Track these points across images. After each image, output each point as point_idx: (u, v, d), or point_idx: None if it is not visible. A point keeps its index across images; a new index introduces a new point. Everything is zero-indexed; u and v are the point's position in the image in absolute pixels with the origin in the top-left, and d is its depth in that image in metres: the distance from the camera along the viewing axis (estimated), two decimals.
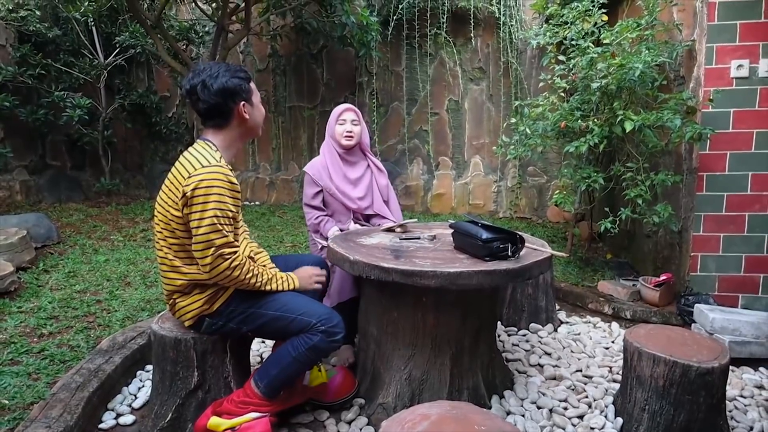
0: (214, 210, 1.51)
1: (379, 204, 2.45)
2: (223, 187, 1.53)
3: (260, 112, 1.74)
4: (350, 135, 2.33)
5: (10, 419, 1.68)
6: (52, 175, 5.20)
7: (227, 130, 1.66)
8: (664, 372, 1.65)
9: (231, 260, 1.55)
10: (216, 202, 1.52)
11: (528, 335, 2.59)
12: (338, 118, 2.34)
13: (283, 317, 1.63)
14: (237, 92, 1.62)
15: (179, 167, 1.58)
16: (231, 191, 1.56)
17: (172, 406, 1.65)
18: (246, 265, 1.60)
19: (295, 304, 1.65)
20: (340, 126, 2.33)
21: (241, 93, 1.63)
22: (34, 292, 2.76)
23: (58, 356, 2.09)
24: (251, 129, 1.72)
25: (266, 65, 5.41)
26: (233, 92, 1.61)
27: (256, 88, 1.73)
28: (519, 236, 1.78)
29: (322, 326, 1.61)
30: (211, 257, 1.53)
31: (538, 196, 5.18)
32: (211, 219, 1.51)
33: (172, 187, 1.57)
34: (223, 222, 1.54)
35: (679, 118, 2.67)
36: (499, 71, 5.02)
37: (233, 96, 1.61)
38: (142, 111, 5.42)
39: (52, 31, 4.75)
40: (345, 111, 2.34)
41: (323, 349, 1.63)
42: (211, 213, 1.51)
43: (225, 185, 1.54)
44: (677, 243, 3.04)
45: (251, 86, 1.69)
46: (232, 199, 1.57)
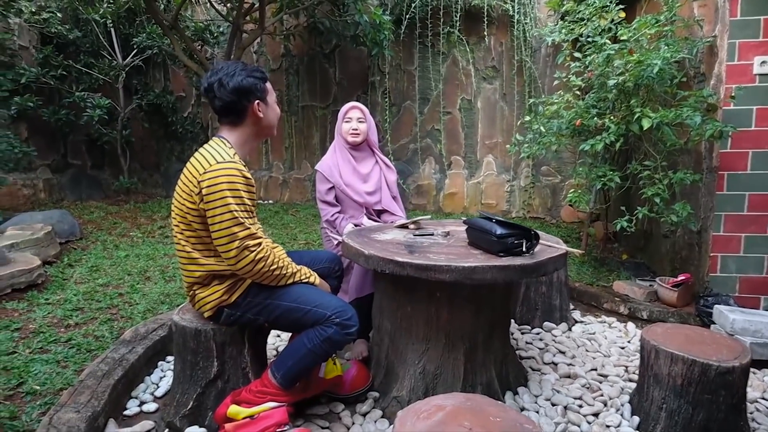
0: (232, 204, 1.55)
1: (388, 200, 2.48)
2: (238, 182, 1.57)
3: (275, 111, 1.77)
4: (356, 132, 2.37)
5: (42, 404, 1.75)
6: (74, 174, 5.31)
7: (242, 128, 1.70)
8: (682, 371, 1.65)
9: (256, 252, 1.59)
10: (233, 197, 1.55)
11: (542, 333, 2.59)
12: (344, 116, 2.40)
13: (298, 309, 1.66)
14: (252, 91, 1.66)
15: (194, 162, 1.62)
16: (246, 185, 1.60)
17: (193, 395, 1.69)
18: (271, 257, 1.63)
19: (310, 296, 1.68)
20: (347, 124, 2.39)
21: (256, 92, 1.67)
22: (60, 285, 2.84)
23: (84, 345, 2.16)
24: (265, 128, 1.75)
25: (279, 65, 5.47)
26: (248, 91, 1.65)
27: (272, 88, 1.77)
28: (534, 232, 1.79)
29: (337, 318, 1.63)
30: (236, 250, 1.56)
31: (551, 195, 5.15)
32: (231, 213, 1.55)
33: (187, 182, 1.61)
34: (243, 215, 1.57)
35: (699, 115, 2.64)
36: (512, 70, 5.01)
37: (248, 95, 1.65)
38: (158, 111, 5.52)
39: (72, 33, 4.86)
40: (351, 109, 2.39)
41: (338, 341, 1.65)
42: (230, 207, 1.55)
43: (240, 180, 1.58)
44: (696, 243, 3.01)
45: (267, 86, 1.72)
46: (248, 193, 1.61)
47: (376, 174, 2.46)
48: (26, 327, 2.31)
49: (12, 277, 2.62)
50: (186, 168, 1.65)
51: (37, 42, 4.85)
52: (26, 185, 4.75)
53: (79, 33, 4.94)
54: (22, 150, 4.02)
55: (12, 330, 2.26)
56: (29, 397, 1.79)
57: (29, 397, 1.79)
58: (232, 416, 1.61)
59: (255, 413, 1.61)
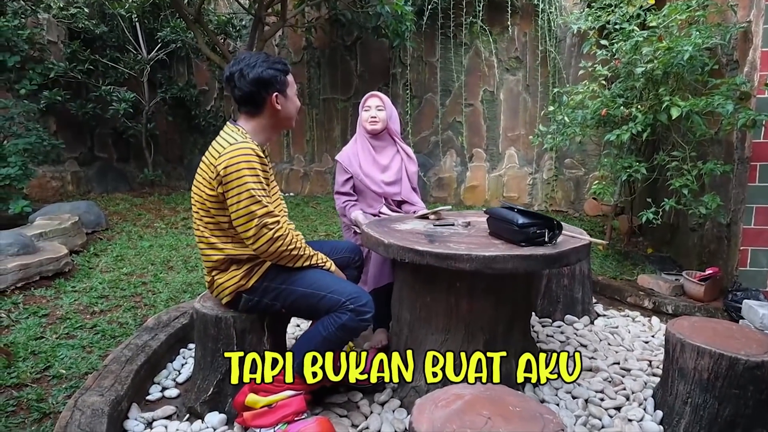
0: (249, 182, 1.57)
1: (407, 190, 2.46)
2: (254, 161, 1.59)
3: (294, 104, 1.76)
4: (375, 120, 2.37)
5: (67, 387, 1.81)
6: (100, 167, 5.44)
7: (259, 119, 1.70)
8: (708, 365, 1.60)
9: (275, 230, 1.60)
10: (250, 175, 1.57)
11: (563, 327, 2.55)
12: (364, 105, 2.41)
13: (313, 294, 1.65)
14: (271, 83, 1.65)
15: (211, 150, 1.66)
16: (261, 164, 1.62)
17: (214, 381, 1.71)
18: (289, 236, 1.64)
19: (325, 282, 1.67)
20: (365, 112, 2.39)
21: (275, 84, 1.66)
22: (86, 273, 2.91)
23: (109, 332, 2.22)
24: (283, 120, 1.74)
25: (301, 57, 5.48)
26: (267, 83, 1.65)
27: (293, 81, 1.76)
28: (556, 222, 1.75)
29: (351, 305, 1.61)
30: (255, 228, 1.58)
31: (575, 188, 5.06)
32: (249, 192, 1.56)
33: (205, 168, 1.64)
34: (260, 193, 1.59)
35: (732, 103, 2.55)
36: (536, 60, 4.92)
37: (267, 86, 1.65)
38: (182, 104, 5.60)
39: (99, 28, 4.96)
40: (369, 98, 2.40)
41: (352, 328, 1.62)
42: (248, 186, 1.56)
43: (255, 159, 1.59)
44: (725, 236, 2.91)
45: (288, 78, 1.71)
46: (264, 172, 1.63)
47: (396, 164, 2.45)
48: (53, 313, 2.38)
49: (40, 265, 2.70)
50: (204, 157, 1.68)
51: (65, 37, 4.97)
52: (55, 177, 4.89)
53: (105, 28, 5.04)
54: (51, 143, 4.14)
55: (40, 316, 2.33)
56: (55, 380, 1.85)
57: (55, 381, 1.85)
58: (250, 405, 1.63)
59: (273, 402, 1.62)
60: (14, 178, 3.59)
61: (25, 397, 1.73)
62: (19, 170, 3.62)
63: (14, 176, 3.58)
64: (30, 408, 1.68)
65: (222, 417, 1.69)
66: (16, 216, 3.54)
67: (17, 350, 2.00)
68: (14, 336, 2.12)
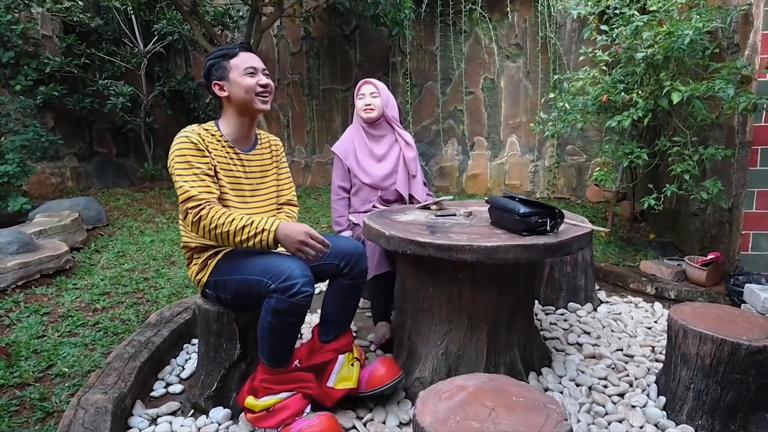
0: (177, 169, 1.57)
1: (403, 181, 2.42)
2: (183, 147, 1.58)
3: (240, 86, 1.65)
4: (370, 108, 2.34)
5: (71, 385, 1.81)
6: (100, 162, 5.42)
7: (224, 110, 1.73)
8: (711, 350, 1.60)
9: (192, 214, 1.54)
10: (178, 162, 1.57)
11: (566, 314, 2.55)
12: (358, 93, 2.37)
13: (242, 281, 1.56)
14: (209, 73, 1.69)
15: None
16: (196, 150, 1.59)
17: (217, 377, 1.71)
18: (210, 216, 1.52)
19: (252, 266, 1.55)
20: (360, 101, 2.36)
21: (213, 73, 1.68)
22: (87, 270, 2.91)
23: (111, 329, 2.21)
24: (239, 106, 1.68)
25: (299, 48, 5.43)
26: (207, 74, 1.70)
27: (241, 62, 1.66)
28: (558, 211, 1.74)
29: (272, 284, 1.46)
30: (183, 213, 1.59)
31: (576, 175, 5.04)
32: (176, 178, 1.57)
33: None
34: (186, 179, 1.56)
35: (732, 87, 2.52)
36: (536, 47, 4.87)
37: (208, 77, 1.70)
38: (180, 97, 5.56)
39: (94, 21, 4.91)
40: (363, 85, 2.36)
41: (284, 309, 1.45)
42: (175, 173, 1.57)
43: (185, 145, 1.59)
44: (727, 221, 2.90)
45: (228, 63, 1.66)
46: (200, 157, 1.60)
47: (394, 152, 2.42)
48: (55, 311, 2.38)
49: (41, 263, 2.69)
50: None
51: (60, 31, 4.92)
52: (54, 174, 4.87)
53: (100, 21, 4.99)
54: (48, 139, 4.12)
55: (41, 314, 2.33)
56: (58, 378, 1.85)
57: (58, 379, 1.85)
58: (250, 407, 1.59)
59: (270, 405, 1.57)
60: (12, 176, 3.57)
61: (28, 396, 1.73)
62: (17, 167, 3.61)
63: (12, 173, 3.57)
64: (33, 407, 1.68)
65: (226, 412, 1.69)
66: (16, 213, 3.54)
67: (19, 349, 2.00)
68: (16, 335, 2.12)
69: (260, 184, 1.79)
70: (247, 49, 1.72)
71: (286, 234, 1.53)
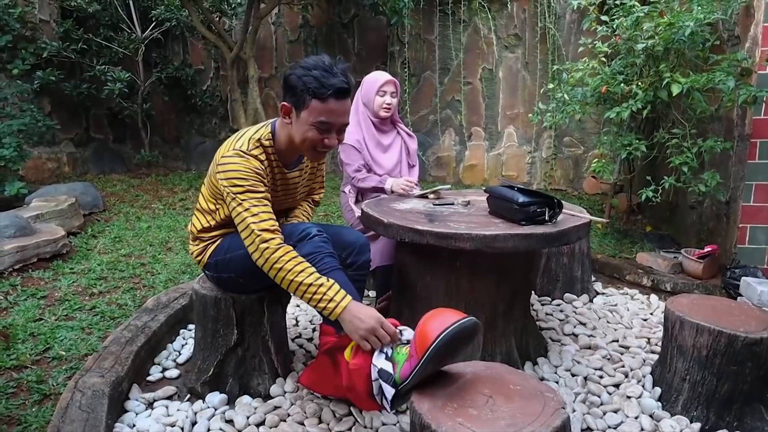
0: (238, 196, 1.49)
1: (406, 171, 2.44)
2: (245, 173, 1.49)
3: (304, 133, 1.48)
4: (389, 107, 2.31)
5: (67, 368, 1.81)
6: (96, 148, 5.39)
7: (283, 123, 1.55)
8: (707, 342, 1.60)
9: (261, 239, 1.46)
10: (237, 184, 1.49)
11: (562, 305, 2.56)
12: (379, 89, 2.28)
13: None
14: (291, 88, 1.46)
15: (226, 141, 1.61)
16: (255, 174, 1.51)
17: (214, 362, 1.72)
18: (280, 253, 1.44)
19: None
20: (380, 97, 2.28)
21: (292, 91, 1.46)
22: (84, 255, 2.91)
23: (108, 313, 2.22)
24: (294, 139, 1.53)
25: (297, 36, 5.39)
26: (287, 85, 1.47)
27: (322, 110, 1.44)
28: (557, 200, 1.74)
29: (290, 240, 1.50)
30: (249, 239, 1.48)
31: (574, 167, 5.04)
32: (239, 201, 1.48)
33: (217, 155, 1.60)
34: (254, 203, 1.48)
35: (732, 79, 2.52)
36: (535, 38, 4.85)
37: (286, 90, 1.48)
38: (178, 84, 5.52)
39: (92, 6, 4.85)
40: (387, 83, 2.28)
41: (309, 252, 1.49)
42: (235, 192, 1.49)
43: (248, 173, 1.49)
44: (724, 214, 2.91)
45: (311, 100, 1.43)
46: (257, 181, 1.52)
47: (397, 145, 2.43)
48: (52, 295, 2.38)
49: (37, 247, 2.68)
50: (224, 142, 1.63)
51: (58, 16, 4.86)
52: (50, 159, 4.84)
53: (98, 6, 4.93)
54: (45, 124, 4.09)
55: (38, 298, 2.33)
56: (55, 362, 1.85)
57: (55, 362, 1.85)
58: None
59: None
60: (9, 160, 3.55)
61: (25, 378, 1.74)
62: (14, 152, 3.58)
63: (9, 158, 3.55)
64: (30, 389, 1.69)
65: (223, 397, 1.70)
66: (12, 198, 3.52)
67: (16, 332, 2.00)
68: (13, 318, 2.12)
69: (291, 196, 1.79)
70: (340, 96, 1.44)
71: (355, 315, 1.36)
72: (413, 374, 1.22)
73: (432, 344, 1.18)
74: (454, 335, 1.18)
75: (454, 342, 1.20)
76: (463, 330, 1.20)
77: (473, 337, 1.26)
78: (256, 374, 1.75)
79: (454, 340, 1.19)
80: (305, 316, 2.36)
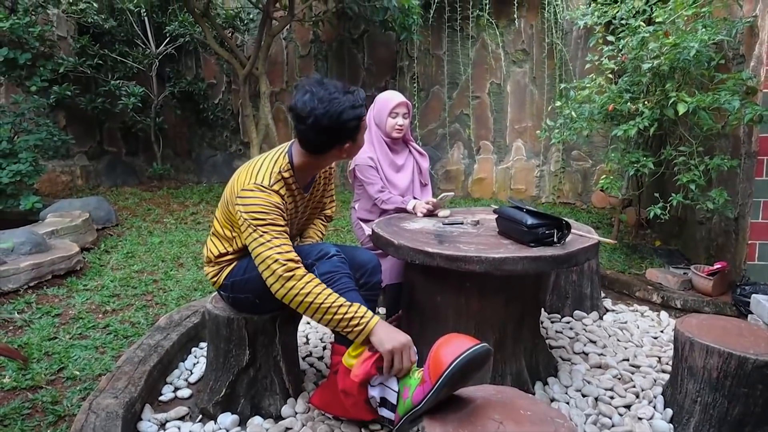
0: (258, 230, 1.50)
1: (418, 191, 2.47)
2: (265, 208, 1.51)
3: (359, 146, 1.61)
4: (401, 129, 2.33)
5: (82, 389, 1.83)
6: (109, 161, 5.48)
7: (315, 158, 1.59)
8: (718, 363, 1.60)
9: (285, 269, 1.47)
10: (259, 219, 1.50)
11: (572, 322, 2.56)
12: (391, 111, 2.29)
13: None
14: (348, 133, 1.51)
15: (245, 170, 1.61)
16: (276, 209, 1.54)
17: (226, 382, 1.73)
18: (305, 280, 1.46)
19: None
20: (392, 119, 2.30)
21: (352, 133, 1.52)
22: (97, 271, 2.95)
23: (121, 332, 2.25)
24: (341, 159, 1.65)
25: (308, 51, 5.47)
26: (344, 133, 1.51)
27: (367, 122, 1.61)
28: (565, 222, 1.75)
29: (308, 260, 1.55)
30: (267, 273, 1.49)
31: (582, 180, 5.04)
32: (259, 233, 1.49)
33: (233, 188, 1.61)
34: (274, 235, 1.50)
35: (738, 99, 2.53)
36: (543, 53, 4.88)
37: (342, 136, 1.52)
38: (190, 98, 5.61)
39: (108, 23, 4.96)
40: (399, 105, 2.29)
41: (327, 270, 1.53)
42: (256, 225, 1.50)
43: (269, 208, 1.52)
44: (733, 230, 2.90)
45: (364, 122, 1.56)
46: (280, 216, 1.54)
47: (409, 163, 2.45)
48: (66, 313, 2.42)
49: (53, 264, 2.73)
50: (239, 171, 1.64)
51: (75, 32, 4.98)
52: (64, 172, 4.93)
53: (114, 22, 5.05)
54: (61, 138, 4.17)
55: (53, 316, 2.37)
56: (69, 382, 1.88)
57: (69, 382, 1.87)
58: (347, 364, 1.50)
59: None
60: (25, 175, 3.63)
61: (40, 399, 1.75)
62: (30, 166, 3.66)
63: (25, 173, 3.62)
64: (45, 410, 1.71)
65: (234, 418, 1.71)
66: (27, 212, 3.59)
67: (31, 351, 2.03)
68: (28, 337, 2.15)
69: (307, 214, 1.83)
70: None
71: (390, 328, 1.45)
72: (426, 399, 1.26)
73: (446, 370, 1.21)
74: (467, 362, 1.22)
75: (468, 368, 1.23)
76: (477, 357, 1.24)
77: (485, 363, 1.30)
78: (267, 395, 1.77)
79: (468, 366, 1.23)
80: (316, 334, 2.37)
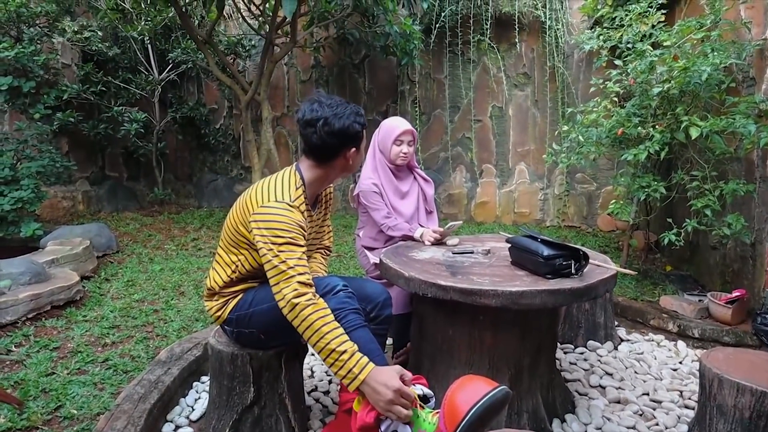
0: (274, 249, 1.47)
1: (423, 218, 2.41)
2: (288, 226, 1.49)
3: (361, 157, 1.71)
4: (405, 156, 2.30)
5: (79, 429, 1.74)
6: (111, 186, 5.44)
7: (324, 168, 1.62)
8: (750, 403, 1.52)
9: (296, 294, 1.44)
10: (279, 236, 1.47)
11: (586, 353, 2.47)
12: (396, 138, 2.26)
13: (276, 307, 1.48)
14: (354, 138, 1.59)
15: (257, 191, 1.57)
16: (298, 227, 1.51)
17: (229, 422, 1.65)
18: (314, 308, 1.43)
19: None
20: (397, 147, 2.27)
21: (357, 139, 1.61)
22: (97, 301, 2.87)
23: (121, 366, 2.16)
24: (345, 172, 1.69)
25: (309, 76, 5.49)
26: (351, 137, 1.58)
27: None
28: (583, 252, 1.69)
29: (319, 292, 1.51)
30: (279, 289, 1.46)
31: (587, 203, 5.00)
32: (276, 253, 1.46)
33: (244, 208, 1.57)
34: (291, 256, 1.46)
35: (753, 123, 2.49)
36: (544, 76, 4.89)
37: (348, 140, 1.58)
38: (192, 123, 5.62)
39: (112, 50, 4.99)
40: (404, 133, 2.26)
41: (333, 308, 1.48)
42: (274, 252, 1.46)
43: (291, 226, 1.49)
44: (750, 256, 2.83)
45: (363, 132, 1.66)
46: (299, 234, 1.52)
47: (414, 190, 2.40)
48: (65, 346, 2.33)
49: (52, 294, 2.66)
50: (248, 192, 1.61)
51: (79, 59, 5.00)
52: (66, 197, 4.89)
53: (118, 50, 5.08)
54: (63, 164, 4.14)
55: (51, 349, 2.28)
56: (67, 421, 1.79)
57: (67, 422, 1.79)
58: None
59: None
60: (26, 201, 3.58)
61: None
62: (32, 193, 3.62)
63: (26, 199, 3.58)
64: None
65: None
66: (28, 238, 3.53)
67: (28, 388, 1.94)
68: (25, 372, 2.07)
69: (314, 236, 1.80)
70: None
71: (373, 388, 1.35)
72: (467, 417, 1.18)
73: (464, 419, 1.16)
74: (485, 409, 1.17)
75: (486, 415, 1.18)
76: (495, 402, 1.19)
77: (504, 406, 1.23)
78: None
79: (486, 413, 1.17)
80: (321, 366, 2.29)
